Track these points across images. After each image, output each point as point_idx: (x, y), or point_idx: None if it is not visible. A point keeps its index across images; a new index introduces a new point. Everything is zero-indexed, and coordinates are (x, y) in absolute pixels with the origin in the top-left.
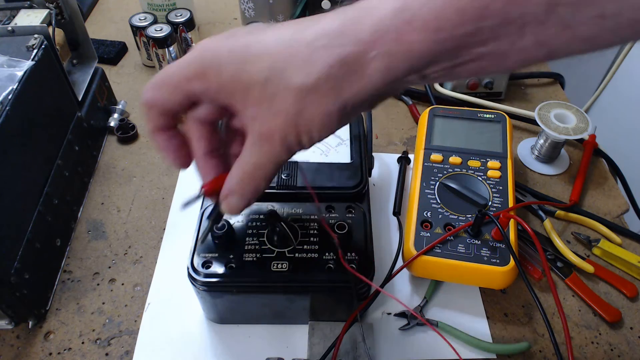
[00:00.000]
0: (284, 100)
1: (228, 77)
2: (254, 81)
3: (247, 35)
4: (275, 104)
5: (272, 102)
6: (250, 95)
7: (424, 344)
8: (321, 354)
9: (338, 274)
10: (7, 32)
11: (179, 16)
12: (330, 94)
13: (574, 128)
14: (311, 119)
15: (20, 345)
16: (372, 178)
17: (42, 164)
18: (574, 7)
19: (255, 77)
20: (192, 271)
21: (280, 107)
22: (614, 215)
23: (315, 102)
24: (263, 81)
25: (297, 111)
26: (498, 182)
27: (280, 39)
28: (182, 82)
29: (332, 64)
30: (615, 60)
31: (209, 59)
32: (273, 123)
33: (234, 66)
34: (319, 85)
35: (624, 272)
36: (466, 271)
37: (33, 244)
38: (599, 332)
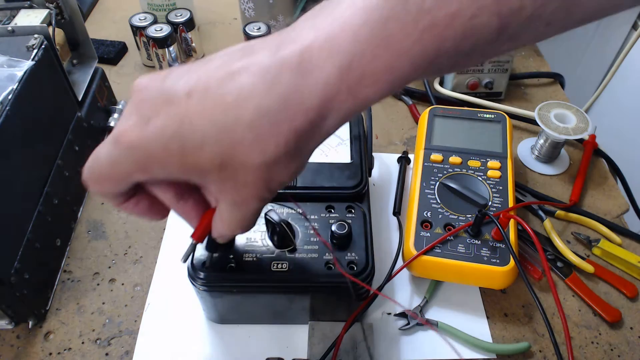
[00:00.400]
0: (248, 176)
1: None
2: (207, 169)
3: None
4: (240, 180)
5: (236, 179)
6: (209, 178)
7: (424, 344)
8: (321, 354)
9: (338, 274)
10: (7, 32)
11: (179, 16)
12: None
13: (574, 128)
14: (280, 179)
15: (20, 345)
16: (372, 178)
17: (42, 164)
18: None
19: (208, 165)
20: (192, 271)
21: (247, 181)
22: (614, 215)
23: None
24: (218, 167)
25: (265, 179)
26: (498, 182)
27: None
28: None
29: (286, 141)
30: (615, 61)
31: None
32: (243, 193)
33: (177, 160)
34: (279, 157)
35: (624, 272)
36: (466, 271)
37: (33, 244)
38: (599, 332)
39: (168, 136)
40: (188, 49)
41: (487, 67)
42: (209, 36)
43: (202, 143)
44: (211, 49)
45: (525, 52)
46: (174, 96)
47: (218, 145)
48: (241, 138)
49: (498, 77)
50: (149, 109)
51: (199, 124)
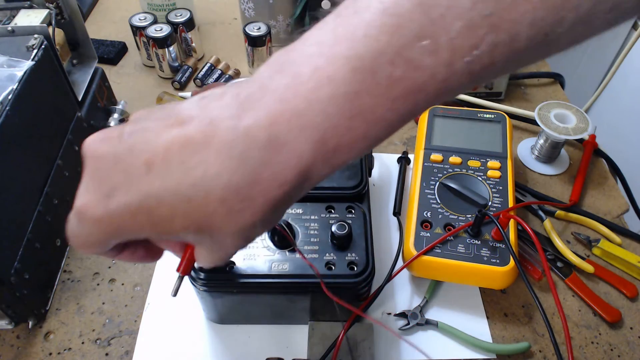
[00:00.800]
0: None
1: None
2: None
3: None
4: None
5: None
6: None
7: (424, 344)
8: (321, 354)
9: (338, 274)
10: (7, 32)
11: (179, 16)
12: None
13: (574, 128)
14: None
15: (20, 345)
16: (372, 178)
17: (42, 164)
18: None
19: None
20: (193, 271)
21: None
22: (614, 215)
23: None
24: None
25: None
26: (498, 182)
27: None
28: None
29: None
30: (615, 61)
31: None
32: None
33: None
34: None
35: (624, 272)
36: (466, 271)
37: (33, 244)
38: (599, 332)
39: (134, 210)
40: (188, 49)
41: None
42: (209, 36)
43: (172, 216)
44: (211, 49)
45: None
46: (132, 167)
47: (190, 217)
48: (213, 211)
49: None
50: (107, 183)
51: (166, 198)
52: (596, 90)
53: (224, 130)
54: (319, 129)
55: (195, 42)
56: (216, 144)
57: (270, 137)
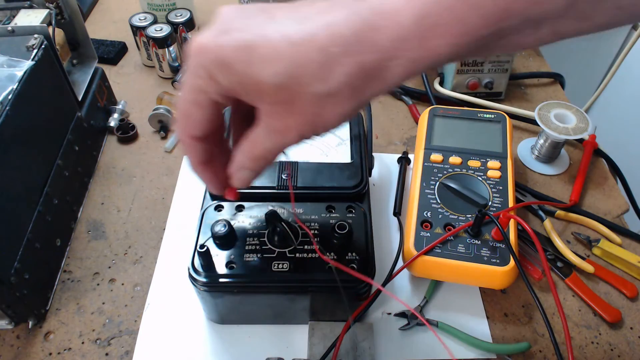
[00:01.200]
0: (302, 104)
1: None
2: (267, 85)
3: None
4: (292, 106)
5: (289, 104)
6: (264, 96)
7: (424, 344)
8: (321, 354)
9: (338, 274)
10: (7, 32)
11: (179, 16)
12: (349, 97)
13: (574, 128)
14: (329, 119)
15: (20, 345)
16: (372, 178)
17: (42, 164)
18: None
19: (269, 81)
20: (193, 271)
21: (298, 110)
22: (614, 215)
23: (334, 105)
24: (278, 86)
25: (315, 113)
26: (498, 182)
27: (287, 37)
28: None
29: (351, 73)
30: (615, 60)
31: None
32: (290, 121)
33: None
34: (339, 92)
35: (624, 272)
36: (466, 271)
37: (33, 244)
38: (599, 332)
39: (242, 45)
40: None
41: (487, 67)
42: None
43: (273, 58)
44: None
45: (525, 52)
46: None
47: (287, 63)
48: (311, 60)
49: (498, 77)
50: (229, 23)
51: (275, 40)
52: (596, 90)
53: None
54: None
55: None
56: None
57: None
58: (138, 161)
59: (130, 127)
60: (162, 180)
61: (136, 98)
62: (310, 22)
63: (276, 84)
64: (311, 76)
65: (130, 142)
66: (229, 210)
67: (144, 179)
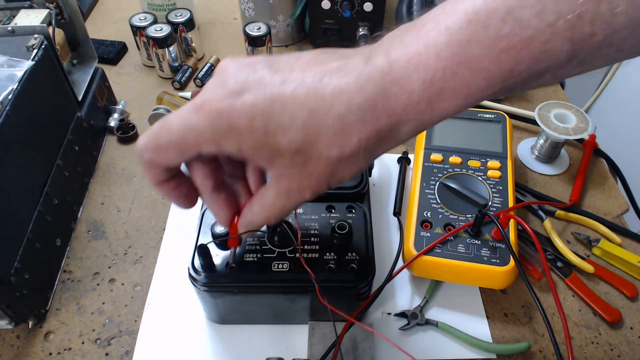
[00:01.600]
0: (317, 166)
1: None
2: (283, 151)
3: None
4: (307, 169)
5: (304, 167)
6: (277, 161)
7: (424, 344)
8: (321, 354)
9: (338, 274)
10: (7, 32)
11: (179, 16)
12: (363, 158)
13: (574, 128)
14: (343, 177)
15: (20, 345)
16: (372, 178)
17: (42, 164)
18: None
19: (285, 148)
20: (193, 271)
21: (313, 172)
22: (614, 215)
23: (349, 166)
24: (294, 152)
25: (330, 174)
26: (498, 182)
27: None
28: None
29: (367, 138)
30: None
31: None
32: (305, 182)
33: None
34: (354, 154)
35: (624, 272)
36: (466, 271)
37: (33, 244)
38: (599, 332)
39: (258, 112)
40: (188, 49)
41: None
42: (209, 36)
43: (289, 125)
44: (211, 49)
45: None
46: (268, 79)
47: (303, 130)
48: (328, 127)
49: None
50: (240, 85)
51: (291, 107)
52: (596, 90)
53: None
54: (431, 69)
55: (195, 42)
56: (349, 69)
57: (391, 70)
58: (138, 161)
59: (130, 127)
60: None
61: (136, 98)
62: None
63: (292, 150)
64: (327, 142)
65: (130, 142)
66: None
67: (144, 179)
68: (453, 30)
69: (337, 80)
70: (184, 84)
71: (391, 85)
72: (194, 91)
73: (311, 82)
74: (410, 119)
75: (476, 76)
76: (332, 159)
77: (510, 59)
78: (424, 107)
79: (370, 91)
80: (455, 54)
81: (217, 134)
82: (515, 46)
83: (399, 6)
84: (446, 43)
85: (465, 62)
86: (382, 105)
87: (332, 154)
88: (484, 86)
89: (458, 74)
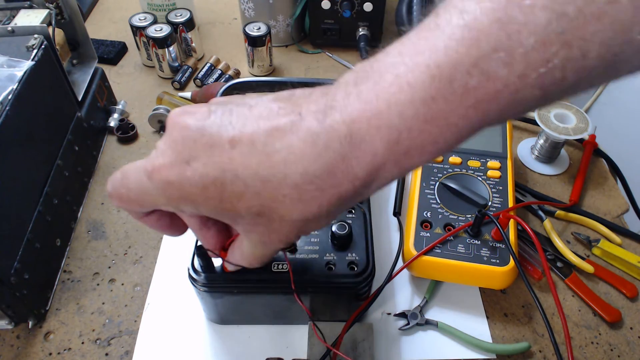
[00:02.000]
0: (283, 226)
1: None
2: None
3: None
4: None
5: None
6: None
7: (424, 344)
8: (321, 354)
9: (338, 274)
10: (7, 32)
11: (179, 16)
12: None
13: (574, 128)
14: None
15: (20, 345)
16: None
17: (42, 164)
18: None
19: (244, 212)
20: (193, 272)
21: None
22: (614, 215)
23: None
24: (255, 214)
25: (298, 230)
26: (498, 182)
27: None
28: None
29: (328, 204)
30: None
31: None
32: (273, 237)
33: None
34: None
35: (624, 272)
36: (466, 271)
37: (33, 244)
38: (599, 332)
39: (209, 181)
40: (188, 49)
41: None
42: (209, 36)
43: (243, 193)
44: (211, 49)
45: None
46: (217, 143)
47: (259, 198)
48: (284, 196)
49: None
50: (189, 150)
51: (243, 175)
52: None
53: (310, 121)
54: (395, 129)
55: (195, 42)
56: (302, 133)
57: (351, 132)
58: None
59: (130, 127)
60: None
61: (136, 98)
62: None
63: (252, 214)
64: (287, 209)
65: (130, 142)
66: None
67: None
68: (416, 87)
69: (288, 143)
70: (184, 84)
71: (351, 150)
72: (193, 91)
73: (262, 147)
74: (377, 178)
75: (444, 132)
76: (295, 220)
77: (479, 112)
78: (390, 166)
79: (328, 157)
80: (420, 112)
81: (171, 201)
82: (483, 99)
83: (399, 6)
84: (410, 101)
85: (432, 119)
86: (341, 171)
87: (294, 217)
88: (453, 140)
89: (425, 132)
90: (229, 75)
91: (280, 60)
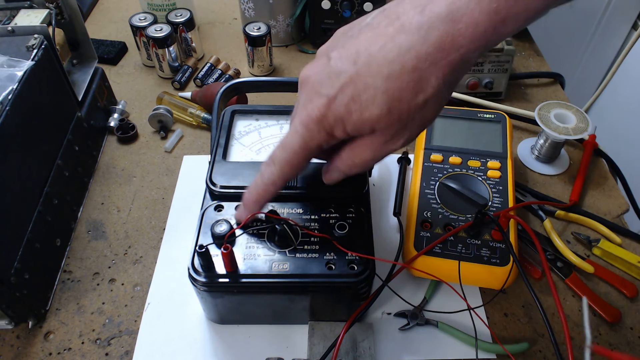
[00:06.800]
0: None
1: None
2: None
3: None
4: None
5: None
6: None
7: (424, 344)
8: (321, 354)
9: (338, 274)
10: (7, 32)
11: (179, 16)
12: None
13: (574, 128)
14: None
15: (20, 345)
16: (372, 178)
17: (42, 164)
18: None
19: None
20: (193, 272)
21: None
22: (614, 215)
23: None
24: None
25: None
26: (498, 182)
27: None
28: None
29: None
30: (615, 61)
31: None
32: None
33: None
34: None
35: (624, 272)
36: (466, 271)
37: (33, 244)
38: (599, 332)
39: (348, 99)
40: (188, 49)
41: (487, 67)
42: (209, 36)
43: (374, 95)
44: (211, 49)
45: (525, 52)
46: (343, 70)
47: (387, 94)
48: (406, 82)
49: (498, 77)
50: (326, 89)
51: (370, 81)
52: (596, 90)
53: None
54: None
55: (195, 42)
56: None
57: (450, 12)
58: (138, 161)
59: (130, 127)
60: (162, 180)
61: (136, 98)
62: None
63: (384, 112)
64: (411, 93)
65: (130, 142)
66: (229, 210)
67: (144, 179)
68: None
69: (399, 41)
70: (184, 84)
71: (454, 26)
72: (193, 91)
73: (378, 53)
74: (480, 45)
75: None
76: (420, 104)
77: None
78: (490, 34)
79: (435, 36)
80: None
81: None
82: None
83: None
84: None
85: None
86: (449, 43)
87: (419, 100)
88: (541, 7)
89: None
90: (229, 75)
91: (280, 60)
